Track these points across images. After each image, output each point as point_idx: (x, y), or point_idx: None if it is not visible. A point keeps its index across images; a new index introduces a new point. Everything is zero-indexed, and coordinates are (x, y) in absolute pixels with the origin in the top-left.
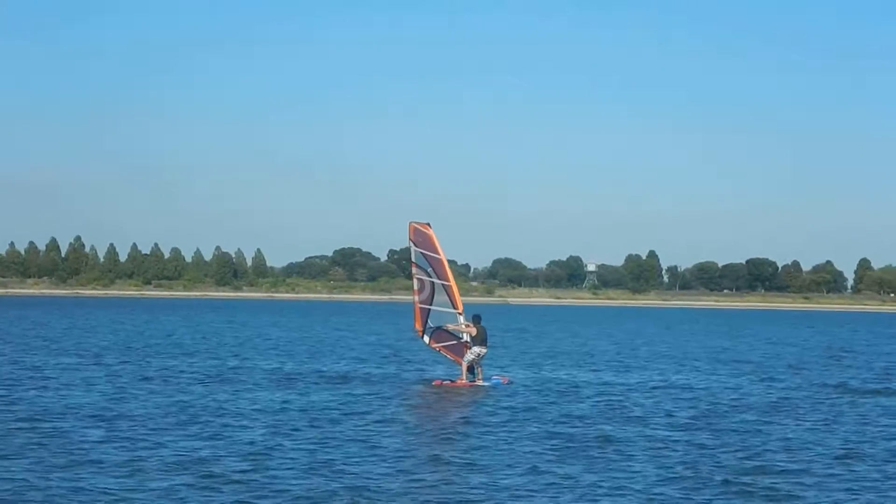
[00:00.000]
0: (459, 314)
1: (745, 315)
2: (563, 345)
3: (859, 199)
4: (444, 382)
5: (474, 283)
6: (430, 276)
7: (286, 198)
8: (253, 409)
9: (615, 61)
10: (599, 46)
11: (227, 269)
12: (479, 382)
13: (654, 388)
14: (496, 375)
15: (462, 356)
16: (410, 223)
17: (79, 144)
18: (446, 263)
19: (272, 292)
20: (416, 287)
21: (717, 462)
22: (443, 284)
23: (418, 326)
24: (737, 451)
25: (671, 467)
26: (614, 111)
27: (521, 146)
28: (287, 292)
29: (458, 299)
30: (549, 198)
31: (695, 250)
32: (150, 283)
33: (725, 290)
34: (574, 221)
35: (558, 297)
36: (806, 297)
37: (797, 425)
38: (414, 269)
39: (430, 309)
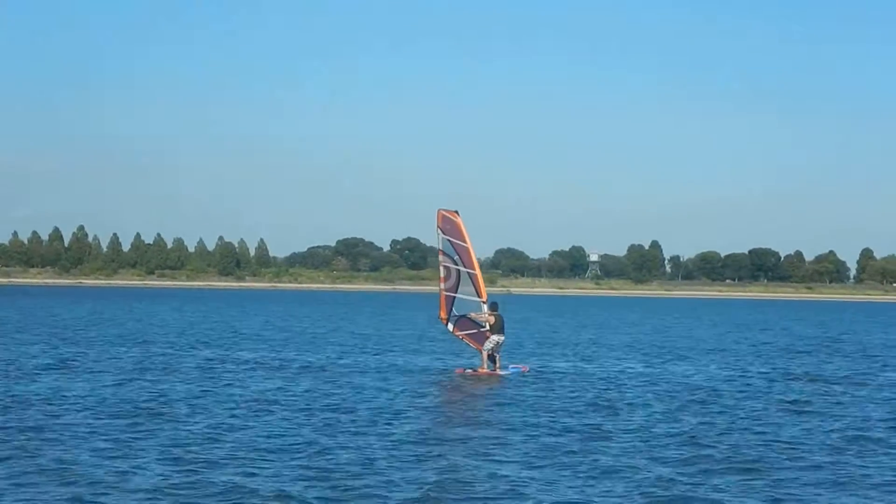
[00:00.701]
0: (484, 303)
1: (752, 305)
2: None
3: (862, 189)
4: (467, 371)
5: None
6: (457, 265)
7: (289, 188)
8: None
9: (617, 47)
10: (600, 31)
11: (230, 260)
12: (499, 371)
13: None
14: (516, 364)
15: (483, 344)
16: (439, 210)
17: (78, 132)
18: (473, 252)
19: (275, 282)
20: (442, 275)
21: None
22: (468, 273)
23: (443, 314)
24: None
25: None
26: (617, 100)
27: (523, 135)
28: (290, 282)
29: (483, 288)
30: (552, 188)
31: (697, 240)
32: (153, 273)
33: (728, 280)
34: (577, 211)
35: (561, 288)
36: (808, 287)
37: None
38: (441, 257)
39: (455, 297)
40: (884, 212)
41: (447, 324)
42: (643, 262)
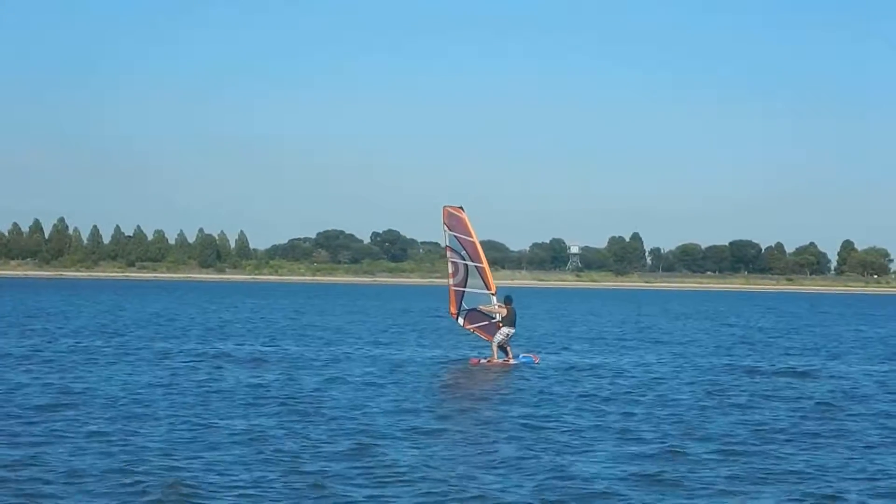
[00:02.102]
0: (493, 295)
1: (735, 297)
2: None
3: (843, 180)
4: (482, 361)
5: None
6: (464, 259)
7: (269, 180)
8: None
9: (599, 41)
10: (583, 25)
11: (211, 252)
12: (511, 361)
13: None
14: (527, 354)
15: (494, 336)
16: (444, 207)
17: (58, 126)
18: (479, 246)
19: (255, 274)
20: (450, 270)
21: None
22: (476, 266)
23: (453, 309)
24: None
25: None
26: (597, 93)
27: (501, 128)
28: (270, 274)
29: (491, 280)
30: (532, 180)
31: (678, 232)
32: (133, 265)
33: (708, 272)
34: (557, 204)
35: (541, 280)
36: (789, 279)
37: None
38: (448, 253)
39: (464, 291)
40: (864, 203)
41: (457, 318)
42: (624, 255)
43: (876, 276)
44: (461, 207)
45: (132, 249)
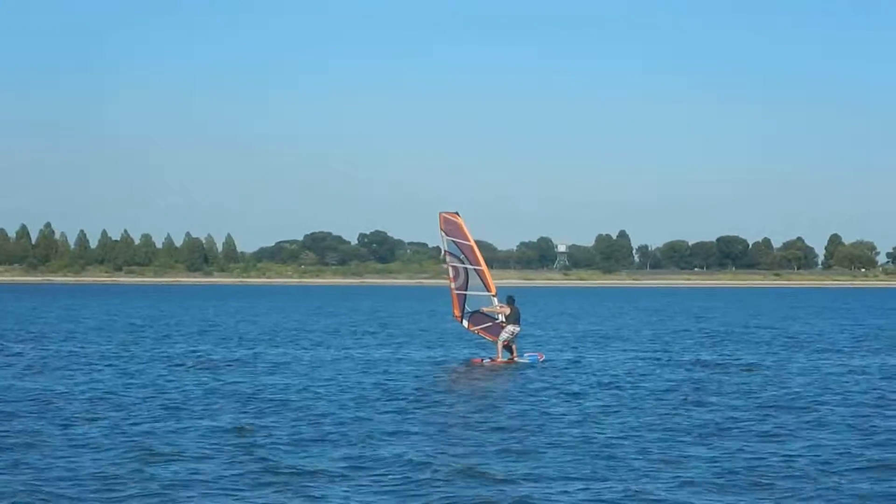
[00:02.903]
0: (493, 296)
1: (720, 293)
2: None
3: (830, 175)
4: (485, 361)
5: (445, 266)
6: (464, 263)
7: (256, 183)
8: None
9: (583, 36)
10: (566, 20)
11: (198, 255)
12: (516, 359)
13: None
14: (532, 352)
15: (499, 336)
16: (440, 214)
17: (46, 129)
18: (477, 249)
19: (243, 277)
20: (451, 275)
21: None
22: (475, 269)
23: (457, 312)
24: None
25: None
26: (584, 91)
27: (487, 128)
28: (258, 277)
29: (491, 282)
30: (520, 179)
31: (665, 229)
32: (120, 270)
33: (696, 269)
34: (544, 202)
35: (529, 279)
36: (777, 274)
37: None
38: (448, 258)
39: (466, 294)
40: (851, 198)
41: (461, 321)
42: (611, 253)
43: (863, 270)
44: (457, 213)
45: (119, 254)
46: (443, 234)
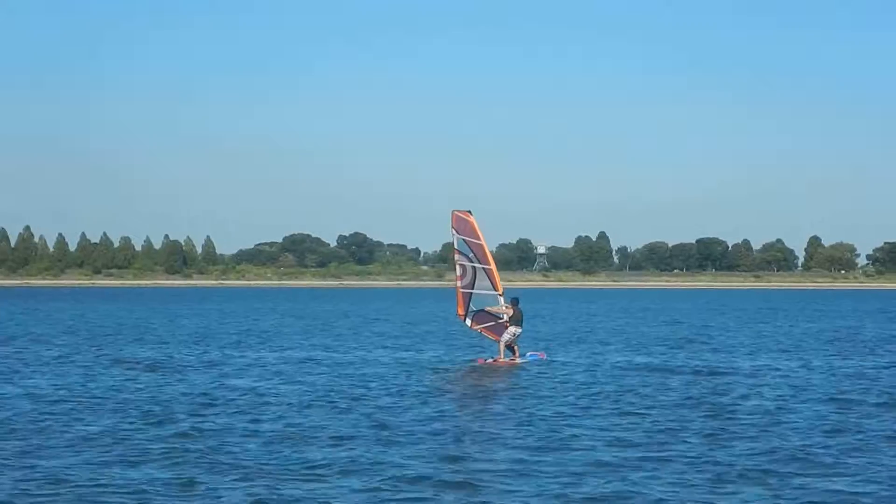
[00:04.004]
0: (500, 295)
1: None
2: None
3: (809, 177)
4: (487, 361)
5: (424, 268)
6: (472, 262)
7: (235, 185)
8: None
9: (560, 39)
10: (540, 21)
11: (177, 257)
12: (517, 360)
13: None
14: (533, 352)
15: (501, 335)
16: (453, 212)
17: (23, 132)
18: (487, 248)
19: (222, 279)
20: (458, 273)
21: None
22: (484, 268)
23: (461, 311)
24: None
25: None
26: (563, 93)
27: (469, 128)
28: (237, 279)
29: (499, 282)
30: (499, 180)
31: (645, 231)
32: (100, 273)
33: (676, 270)
34: (523, 204)
35: (509, 280)
36: (756, 276)
37: None
38: (456, 256)
39: (472, 293)
40: (831, 199)
41: (465, 320)
42: (591, 254)
43: (843, 272)
44: (469, 211)
45: (98, 257)
46: (454, 231)
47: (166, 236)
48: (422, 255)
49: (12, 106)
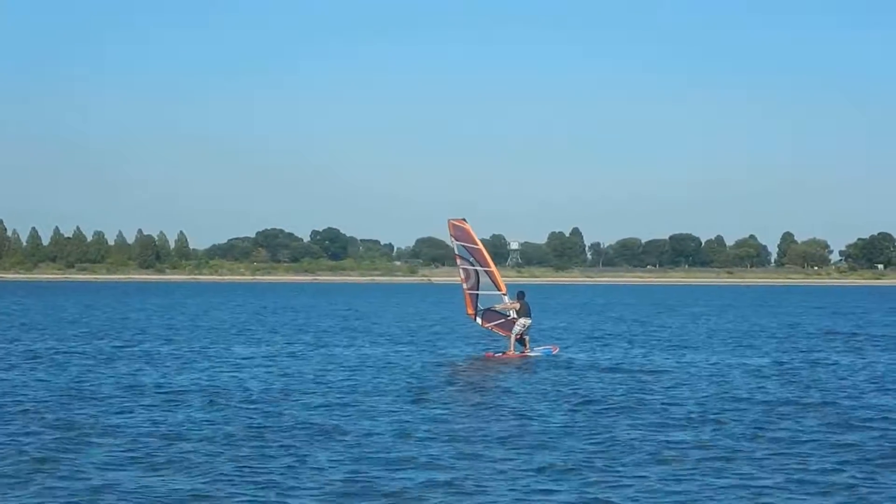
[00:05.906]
0: (504, 294)
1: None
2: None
3: (782, 173)
4: (497, 355)
5: (398, 263)
6: (474, 265)
7: (207, 180)
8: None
9: (533, 36)
10: (516, 17)
11: (150, 252)
12: (528, 353)
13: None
14: (546, 346)
15: (512, 330)
16: (449, 220)
17: None
18: (485, 251)
19: (195, 274)
20: (462, 276)
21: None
22: (485, 271)
23: (470, 311)
24: None
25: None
26: (535, 88)
27: (439, 125)
28: (210, 274)
29: (501, 282)
30: (471, 177)
31: (618, 227)
32: (73, 267)
33: (649, 266)
34: (496, 200)
35: None
36: (729, 272)
37: None
38: (458, 261)
39: (477, 294)
40: (804, 195)
41: (476, 318)
42: (564, 250)
43: (816, 268)
44: (464, 219)
45: (72, 251)
46: (453, 239)
47: (139, 231)
48: (395, 250)
49: None
